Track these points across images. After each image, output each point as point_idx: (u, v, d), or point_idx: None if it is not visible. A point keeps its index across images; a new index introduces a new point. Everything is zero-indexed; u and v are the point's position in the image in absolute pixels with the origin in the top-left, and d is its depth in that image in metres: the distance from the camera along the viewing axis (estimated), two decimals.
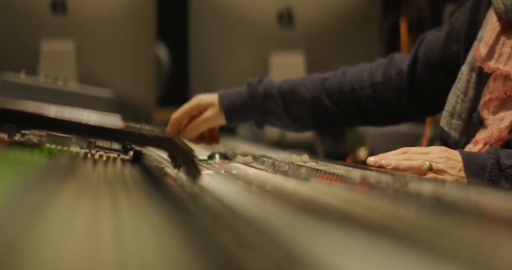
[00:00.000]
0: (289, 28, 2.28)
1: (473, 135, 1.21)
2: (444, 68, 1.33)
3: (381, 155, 1.10)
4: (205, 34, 2.31)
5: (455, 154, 1.11)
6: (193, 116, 1.44)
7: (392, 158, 1.09)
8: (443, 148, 1.13)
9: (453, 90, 1.26)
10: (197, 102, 1.43)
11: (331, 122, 1.46)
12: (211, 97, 1.44)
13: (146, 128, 0.86)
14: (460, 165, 1.09)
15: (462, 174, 1.09)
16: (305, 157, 1.23)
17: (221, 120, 1.43)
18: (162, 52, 3.01)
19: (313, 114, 1.44)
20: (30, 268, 0.34)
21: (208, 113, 1.43)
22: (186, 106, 1.43)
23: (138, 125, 0.89)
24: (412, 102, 1.39)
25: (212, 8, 2.29)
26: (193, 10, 2.33)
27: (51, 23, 2.25)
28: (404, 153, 1.11)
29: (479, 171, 1.08)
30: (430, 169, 1.08)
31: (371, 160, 1.08)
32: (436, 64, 1.35)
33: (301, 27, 2.28)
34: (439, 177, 1.08)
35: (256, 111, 1.44)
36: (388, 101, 1.40)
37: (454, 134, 1.24)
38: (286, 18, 2.27)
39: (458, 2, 2.58)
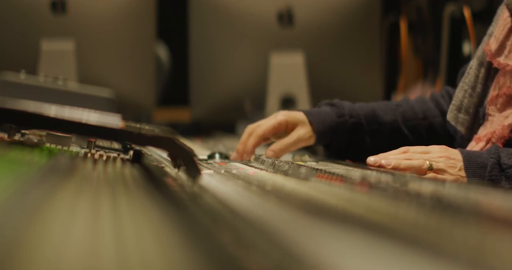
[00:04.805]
0: (289, 28, 2.27)
1: (478, 131, 1.21)
2: None
3: (381, 155, 1.10)
4: (205, 34, 2.31)
5: (455, 153, 1.11)
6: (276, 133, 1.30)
7: (392, 157, 1.09)
8: (443, 147, 1.13)
9: (461, 84, 1.25)
10: (285, 118, 1.29)
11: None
12: (298, 114, 1.31)
13: (146, 128, 0.86)
14: (460, 164, 1.09)
15: (462, 173, 1.09)
16: (305, 156, 1.23)
17: (312, 141, 1.31)
18: (162, 52, 3.01)
19: (391, 140, 1.35)
20: (30, 268, 0.34)
21: (301, 132, 1.29)
22: (273, 122, 1.28)
23: (138, 125, 0.89)
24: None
25: (212, 8, 2.29)
26: (193, 10, 2.33)
27: (51, 23, 2.25)
28: (404, 152, 1.11)
29: (480, 171, 1.08)
30: (430, 168, 1.08)
31: (371, 159, 1.08)
32: None
33: (301, 27, 2.28)
34: (439, 176, 1.08)
35: (343, 134, 1.33)
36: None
37: (461, 129, 1.23)
38: (286, 18, 2.27)
39: (458, 2, 2.58)
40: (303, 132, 1.29)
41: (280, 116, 1.29)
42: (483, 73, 1.22)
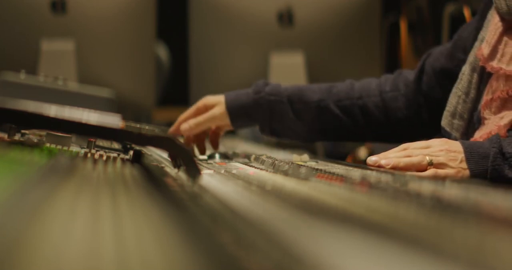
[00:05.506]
0: (289, 28, 2.28)
1: (474, 135, 1.21)
2: (449, 76, 1.29)
3: (381, 154, 1.10)
4: (205, 34, 2.31)
5: (456, 145, 1.10)
6: None
7: (392, 156, 1.09)
8: (444, 139, 1.12)
9: (454, 90, 1.25)
10: (204, 102, 1.39)
11: (337, 131, 1.40)
12: (218, 97, 1.40)
13: (146, 128, 0.86)
14: (461, 156, 1.08)
15: (464, 165, 1.08)
16: (305, 156, 1.23)
17: (226, 120, 1.38)
18: (162, 52, 3.01)
19: (319, 119, 1.39)
20: (30, 268, 0.34)
21: (214, 110, 1.38)
22: (193, 108, 1.39)
23: (138, 125, 0.89)
24: (420, 113, 1.36)
25: (212, 8, 2.29)
26: (193, 10, 2.33)
27: (51, 23, 2.25)
28: (405, 149, 1.11)
29: (482, 161, 1.08)
30: (430, 163, 1.07)
31: (372, 159, 1.08)
32: (441, 73, 1.33)
33: (301, 27, 2.28)
34: (440, 171, 1.07)
35: (261, 112, 1.38)
36: (396, 112, 1.37)
37: (456, 134, 1.23)
38: (286, 18, 2.27)
39: (458, 2, 2.58)
40: (216, 110, 1.38)
41: (201, 101, 1.40)
42: (476, 79, 1.21)
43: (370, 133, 1.41)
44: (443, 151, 1.09)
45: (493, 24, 1.20)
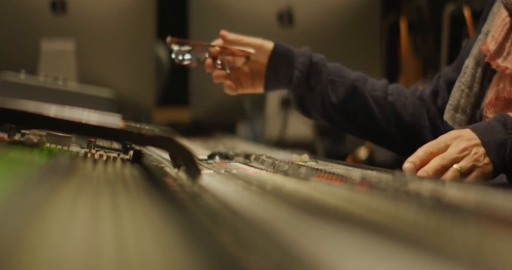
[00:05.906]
0: (289, 28, 2.27)
1: None
2: None
3: (421, 170, 1.02)
4: (205, 34, 2.31)
5: (470, 136, 1.05)
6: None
7: (427, 169, 1.01)
8: (454, 133, 1.06)
9: (457, 84, 1.24)
10: (255, 38, 1.42)
11: (359, 117, 1.38)
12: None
13: (146, 128, 0.86)
14: (482, 149, 1.03)
15: (487, 160, 1.03)
16: (305, 156, 1.23)
17: (265, 56, 1.39)
18: (162, 52, 3.01)
19: (350, 98, 1.37)
20: (30, 268, 0.34)
21: (262, 41, 1.41)
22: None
23: (138, 125, 0.89)
24: (439, 125, 1.34)
25: (212, 8, 2.29)
26: (193, 10, 2.33)
27: (51, 23, 2.25)
28: (431, 153, 1.03)
29: (499, 149, 1.03)
30: (462, 174, 1.01)
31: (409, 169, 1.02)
32: (451, 85, 1.31)
33: (301, 27, 2.28)
34: (471, 176, 1.02)
35: (302, 61, 1.37)
36: (420, 119, 1.36)
37: (458, 129, 1.22)
38: (286, 18, 2.27)
39: (458, 2, 2.58)
40: (263, 41, 1.40)
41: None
42: (480, 73, 1.20)
43: (391, 129, 1.38)
44: (466, 150, 1.03)
45: (500, 19, 1.18)
